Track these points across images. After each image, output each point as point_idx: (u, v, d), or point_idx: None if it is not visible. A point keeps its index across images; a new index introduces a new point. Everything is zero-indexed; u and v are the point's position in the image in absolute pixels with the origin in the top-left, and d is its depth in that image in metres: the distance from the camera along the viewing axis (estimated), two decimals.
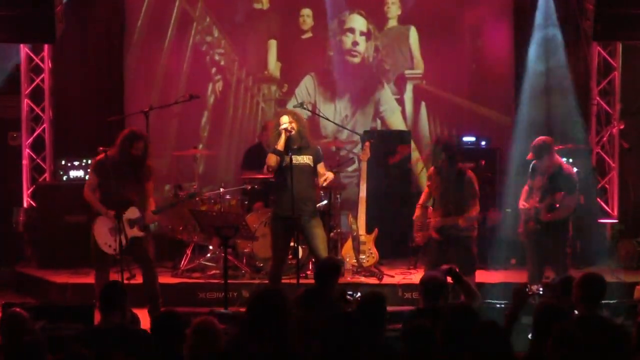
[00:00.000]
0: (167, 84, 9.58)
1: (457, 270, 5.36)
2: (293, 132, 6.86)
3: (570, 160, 8.06)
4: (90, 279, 7.24)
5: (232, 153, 9.70)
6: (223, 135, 9.71)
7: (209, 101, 9.74)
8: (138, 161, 6.73)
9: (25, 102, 9.27)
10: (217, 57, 9.75)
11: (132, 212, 6.69)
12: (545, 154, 6.95)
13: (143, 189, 6.81)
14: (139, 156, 6.73)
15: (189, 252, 8.40)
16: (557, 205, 6.86)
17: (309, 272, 7.93)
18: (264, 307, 3.95)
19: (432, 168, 7.05)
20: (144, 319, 6.16)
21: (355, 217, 8.11)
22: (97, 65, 9.42)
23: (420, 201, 7.10)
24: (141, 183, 6.80)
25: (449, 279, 5.27)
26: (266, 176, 7.75)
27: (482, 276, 7.61)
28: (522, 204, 7.11)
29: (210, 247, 8.38)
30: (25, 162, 9.29)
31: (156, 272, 6.95)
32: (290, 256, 7.66)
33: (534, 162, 7.09)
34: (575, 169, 7.28)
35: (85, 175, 8.81)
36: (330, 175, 6.95)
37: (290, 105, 9.61)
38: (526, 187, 7.15)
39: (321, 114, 9.01)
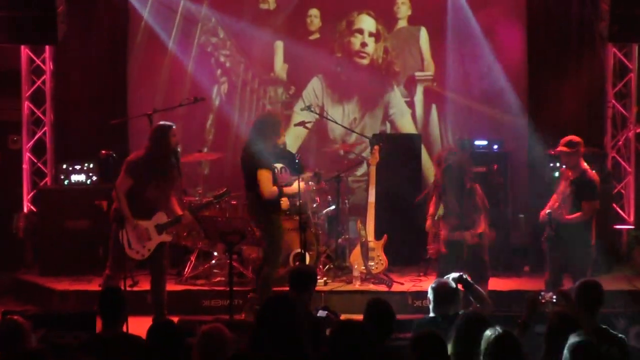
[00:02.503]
0: (172, 86, 9.59)
1: (469, 277, 5.36)
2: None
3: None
4: (92, 286, 7.28)
5: (237, 156, 9.47)
6: (228, 139, 9.71)
7: (214, 104, 9.75)
8: (176, 154, 6.80)
9: (26, 105, 9.30)
10: (222, 59, 9.76)
11: (160, 217, 6.72)
12: (574, 155, 6.92)
13: (178, 185, 6.88)
14: (176, 148, 6.80)
15: (193, 258, 8.41)
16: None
17: None
18: (275, 314, 3.96)
19: (435, 177, 7.08)
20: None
21: (364, 223, 8.12)
22: (99, 67, 9.43)
23: (430, 211, 7.12)
24: (177, 179, 6.85)
25: (460, 287, 5.26)
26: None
27: (494, 283, 7.60)
28: (543, 212, 7.04)
29: (215, 254, 8.39)
30: (25, 166, 9.30)
31: (166, 280, 6.95)
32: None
33: (561, 168, 7.16)
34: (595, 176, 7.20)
35: (87, 179, 8.83)
36: None
37: (297, 108, 9.66)
38: (555, 196, 7.10)
39: (329, 117, 9.02)
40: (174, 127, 6.88)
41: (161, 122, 6.94)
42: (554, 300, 4.98)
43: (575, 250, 6.83)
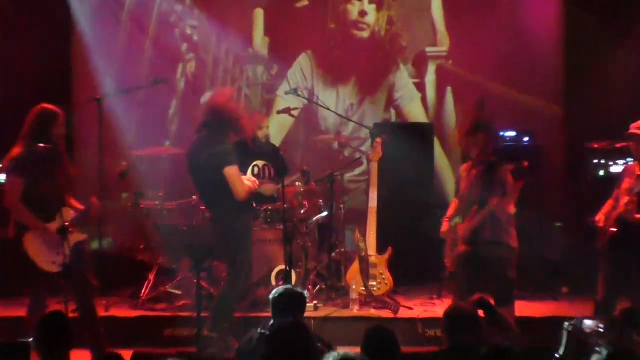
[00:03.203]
0: (126, 65, 9.62)
1: (491, 300, 5.34)
2: None
3: (630, 160, 8.04)
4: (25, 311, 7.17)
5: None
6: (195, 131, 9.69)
7: (179, 87, 9.76)
8: (62, 143, 6.68)
9: None
10: (189, 31, 9.79)
11: (66, 214, 6.62)
12: None
13: (71, 178, 6.75)
14: (63, 136, 6.68)
15: (152, 277, 8.39)
16: None
17: None
18: (290, 346, 4.03)
19: (465, 164, 7.00)
20: None
21: (364, 233, 8.10)
22: (36, 42, 9.32)
23: (448, 213, 7.06)
24: (70, 171, 6.73)
25: (481, 312, 5.25)
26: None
27: (523, 308, 7.59)
28: (597, 217, 6.93)
29: (180, 271, 8.39)
30: None
31: (94, 298, 6.86)
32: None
33: (626, 165, 7.13)
34: None
35: None
36: None
37: (281, 92, 9.64)
38: (610, 201, 7.02)
39: (320, 103, 8.95)
40: (60, 111, 6.68)
41: (42, 105, 6.75)
42: (601, 330, 4.93)
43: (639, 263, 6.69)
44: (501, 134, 8.96)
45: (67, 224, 6.52)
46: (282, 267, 7.79)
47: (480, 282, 6.60)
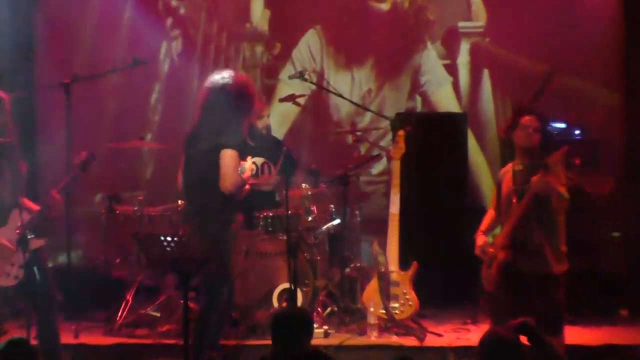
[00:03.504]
0: (100, 43, 9.69)
1: (535, 325, 5.28)
2: None
3: None
4: None
5: None
6: (183, 121, 9.54)
7: (162, 69, 9.85)
8: (12, 135, 6.64)
9: None
10: (174, 3, 9.85)
11: (15, 218, 6.59)
12: None
13: (22, 175, 6.71)
14: (9, 126, 6.64)
15: (130, 297, 8.35)
16: None
17: None
18: None
19: (507, 165, 6.93)
20: None
21: (383, 245, 8.03)
22: None
23: (483, 226, 7.02)
24: (20, 168, 6.69)
25: (524, 339, 5.19)
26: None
27: (575, 335, 7.54)
28: None
29: (163, 290, 8.38)
30: None
31: (57, 317, 6.82)
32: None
33: None
34: None
35: None
36: None
37: (284, 76, 9.63)
38: None
39: (331, 89, 8.93)
40: (2, 100, 6.63)
41: None
42: None
43: None
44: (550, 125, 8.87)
45: (25, 231, 6.52)
46: (286, 285, 7.77)
47: (523, 303, 6.53)
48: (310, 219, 8.37)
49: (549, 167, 6.43)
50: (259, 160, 8.05)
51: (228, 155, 6.71)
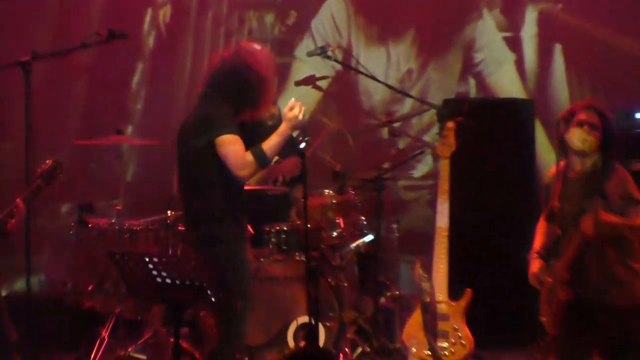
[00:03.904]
0: (66, 14, 9.77)
1: None
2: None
3: None
4: None
5: None
6: (173, 109, 9.77)
7: (146, 44, 9.97)
8: None
9: None
10: None
11: None
12: None
13: None
14: None
15: (105, 334, 8.32)
16: None
17: None
18: None
19: (557, 165, 6.88)
20: None
21: (429, 267, 7.89)
22: None
23: (536, 243, 7.01)
24: None
25: None
26: (256, 187, 7.90)
27: None
28: None
29: (148, 326, 8.36)
30: None
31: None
32: None
33: None
34: None
35: None
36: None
37: (301, 52, 9.70)
38: None
39: (360, 69, 8.88)
40: None
41: None
42: None
43: None
44: (637, 115, 8.92)
45: None
46: (305, 319, 7.72)
47: (594, 347, 6.55)
48: (334, 234, 8.37)
49: (606, 196, 6.43)
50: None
51: (226, 142, 6.67)
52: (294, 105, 6.80)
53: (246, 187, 7.50)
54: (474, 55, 9.92)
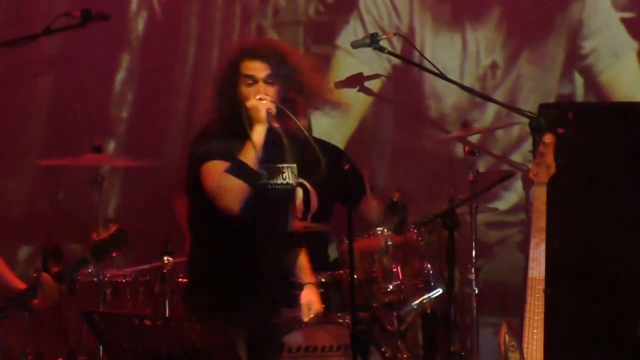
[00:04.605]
0: None
1: None
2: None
3: None
4: None
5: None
6: (170, 118, 10.01)
7: (135, 28, 10.15)
8: None
9: None
10: None
11: None
12: None
13: None
14: None
15: None
16: None
17: None
18: None
19: None
20: None
21: (518, 332, 8.12)
22: None
23: None
24: None
25: None
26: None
27: None
28: None
29: None
30: None
31: None
32: None
33: None
34: None
35: None
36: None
37: (344, 40, 9.90)
38: None
39: (426, 64, 8.92)
40: None
41: None
42: None
43: None
44: None
45: None
46: None
47: None
48: (391, 287, 8.49)
49: None
50: (292, 179, 8.06)
51: (206, 172, 6.99)
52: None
53: None
54: (581, 44, 9.98)
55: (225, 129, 7.01)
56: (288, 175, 7.18)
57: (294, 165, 7.22)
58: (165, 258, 8.43)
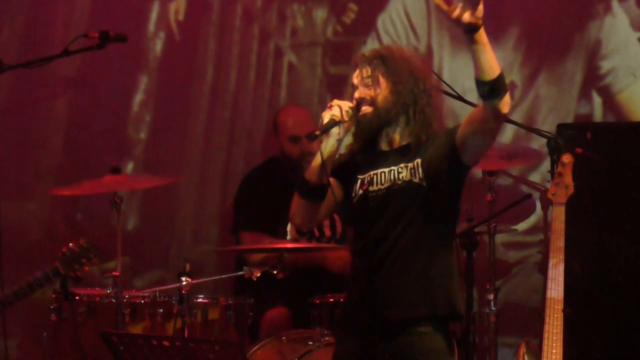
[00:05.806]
0: (42, 5, 9.94)
1: None
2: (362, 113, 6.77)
3: None
4: None
5: (211, 184, 10.11)
6: (188, 139, 10.02)
7: (153, 49, 10.12)
8: None
9: None
10: None
11: None
12: None
13: None
14: None
15: None
16: None
17: None
18: None
19: None
20: None
21: (537, 354, 8.13)
22: None
23: None
24: None
25: None
26: (296, 245, 8.06)
27: None
28: None
29: None
30: None
31: None
32: None
33: None
34: None
35: None
36: None
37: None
38: None
39: (444, 86, 8.93)
40: None
41: None
42: None
43: None
44: None
45: None
46: None
47: None
48: None
49: None
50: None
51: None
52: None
53: (285, 245, 7.90)
54: (599, 64, 9.95)
55: None
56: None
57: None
58: (182, 279, 8.29)
